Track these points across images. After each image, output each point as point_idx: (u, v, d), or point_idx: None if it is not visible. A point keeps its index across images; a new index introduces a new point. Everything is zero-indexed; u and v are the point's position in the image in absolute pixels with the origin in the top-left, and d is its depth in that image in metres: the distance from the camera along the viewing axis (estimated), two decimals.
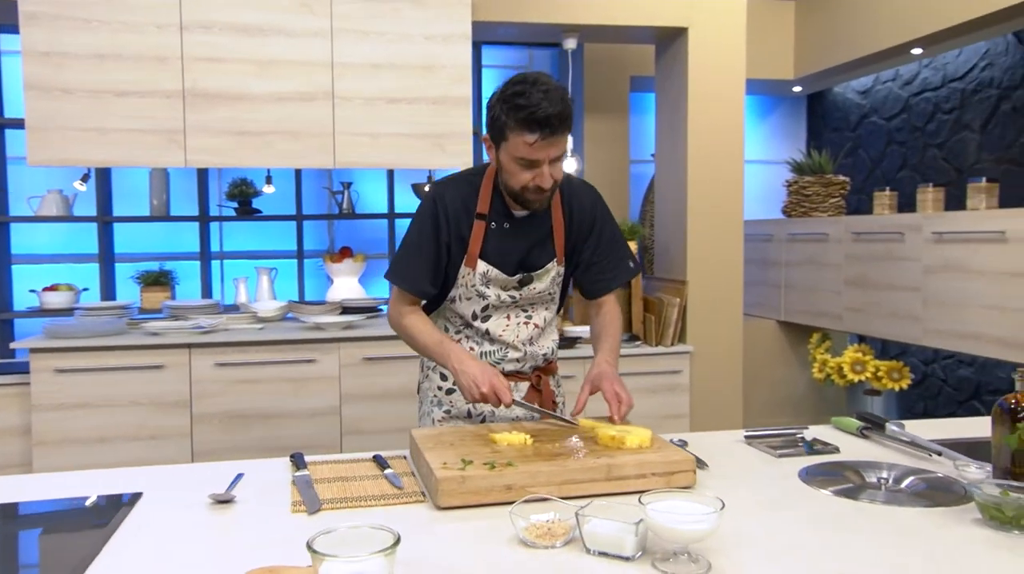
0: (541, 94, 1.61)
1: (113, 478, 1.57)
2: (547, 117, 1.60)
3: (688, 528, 1.04)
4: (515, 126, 1.63)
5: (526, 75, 1.67)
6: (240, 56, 3.19)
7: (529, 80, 1.64)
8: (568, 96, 1.67)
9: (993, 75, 4.21)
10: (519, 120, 1.62)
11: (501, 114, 1.66)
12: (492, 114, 1.69)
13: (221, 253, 4.18)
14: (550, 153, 1.65)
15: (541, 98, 1.60)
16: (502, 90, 1.68)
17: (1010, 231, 3.38)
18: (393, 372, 3.31)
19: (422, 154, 3.37)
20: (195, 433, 3.17)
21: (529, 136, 1.62)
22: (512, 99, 1.63)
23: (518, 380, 1.91)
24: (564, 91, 1.66)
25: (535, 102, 1.60)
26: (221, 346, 3.19)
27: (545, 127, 1.61)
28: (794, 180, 4.79)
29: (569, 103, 1.65)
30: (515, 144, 1.65)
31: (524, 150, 1.64)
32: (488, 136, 1.74)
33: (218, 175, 4.08)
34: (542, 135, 1.62)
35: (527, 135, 1.62)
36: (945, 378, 4.56)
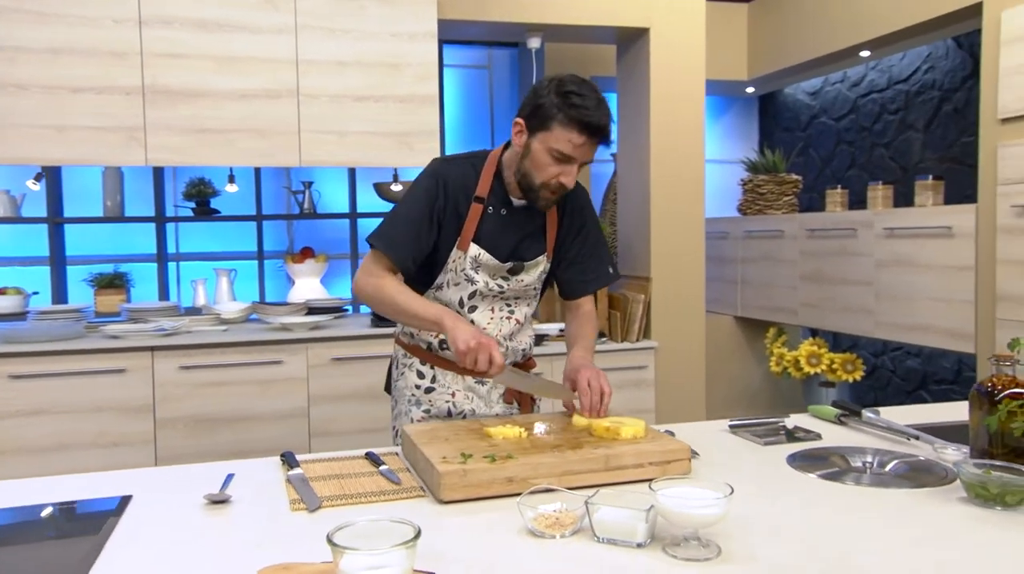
0: (596, 101, 1.66)
1: (97, 482, 1.53)
2: (600, 126, 1.66)
3: (700, 513, 1.07)
4: (566, 121, 1.65)
5: (579, 78, 1.71)
6: (201, 52, 3.13)
7: (587, 86, 1.69)
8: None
9: (935, 77, 4.38)
10: (572, 118, 1.65)
11: (552, 106, 1.66)
12: (540, 102, 1.69)
13: (177, 254, 4.09)
14: (587, 156, 1.70)
15: (596, 105, 1.65)
16: (556, 83, 1.69)
17: (956, 227, 3.52)
18: (362, 373, 3.29)
19: (389, 152, 3.35)
20: (159, 438, 3.10)
21: (577, 137, 1.66)
22: (569, 96, 1.65)
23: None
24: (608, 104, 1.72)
25: (591, 106, 1.65)
26: (185, 349, 3.12)
27: (595, 134, 1.66)
28: (749, 179, 4.91)
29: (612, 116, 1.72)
30: (558, 137, 1.67)
31: (567, 146, 1.67)
32: (524, 120, 1.73)
33: (173, 174, 3.98)
34: (590, 139, 1.66)
35: (575, 135, 1.65)
36: (894, 369, 4.72)
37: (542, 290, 1.98)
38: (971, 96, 4.15)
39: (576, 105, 1.64)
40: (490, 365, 1.61)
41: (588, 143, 1.67)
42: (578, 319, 1.95)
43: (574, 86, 1.67)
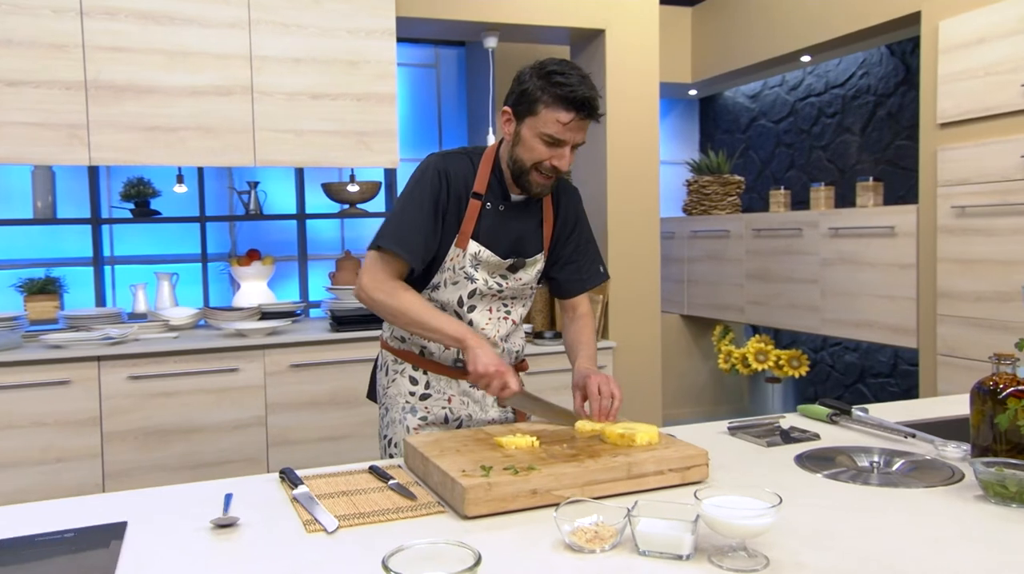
0: (579, 78, 1.64)
1: (79, 509, 1.42)
2: (585, 99, 1.63)
3: (751, 523, 1.06)
4: (551, 102, 1.63)
5: (560, 59, 1.69)
6: (149, 46, 2.97)
7: (567, 64, 1.67)
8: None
9: (870, 83, 4.55)
10: (557, 97, 1.63)
11: (536, 88, 1.65)
12: (523, 87, 1.67)
13: (113, 258, 3.88)
14: (577, 136, 1.67)
15: (579, 81, 1.63)
16: (538, 66, 1.67)
17: (899, 226, 3.67)
18: (322, 379, 3.19)
19: (347, 152, 3.26)
20: (106, 453, 2.93)
21: (564, 115, 1.63)
22: (551, 76, 1.63)
23: None
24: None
25: (574, 82, 1.63)
26: (133, 358, 2.96)
27: (582, 109, 1.63)
28: (694, 179, 5.01)
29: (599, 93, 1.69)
30: (546, 120, 1.65)
31: (555, 127, 1.64)
32: (511, 109, 1.71)
33: (108, 174, 3.77)
34: (577, 116, 1.63)
35: (562, 113, 1.63)
36: (833, 364, 4.89)
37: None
38: (904, 101, 4.34)
39: (560, 83, 1.62)
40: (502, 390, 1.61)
41: (576, 120, 1.64)
42: (576, 323, 1.93)
43: (555, 66, 1.66)
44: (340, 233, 4.31)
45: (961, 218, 3.32)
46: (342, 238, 4.31)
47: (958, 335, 3.35)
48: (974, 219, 3.26)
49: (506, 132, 1.75)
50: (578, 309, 1.95)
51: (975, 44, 3.25)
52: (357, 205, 3.97)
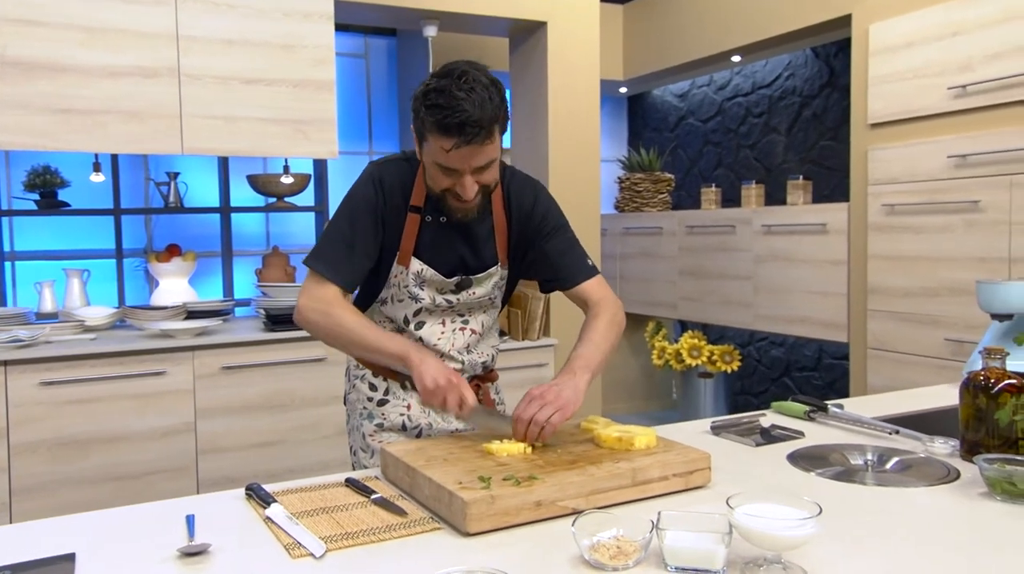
0: (464, 94, 1.40)
1: (18, 537, 1.24)
2: (462, 123, 1.40)
3: (792, 534, 1.00)
4: (432, 129, 1.44)
5: (454, 67, 1.45)
6: (64, 21, 2.71)
7: (455, 74, 1.43)
8: (497, 96, 1.45)
9: (795, 84, 4.67)
10: (434, 123, 1.43)
11: (420, 110, 1.46)
12: (414, 107, 1.49)
13: (14, 253, 3.56)
14: (471, 162, 1.47)
15: (462, 99, 1.40)
16: (427, 82, 1.47)
17: (830, 224, 3.76)
18: (255, 382, 3.00)
19: (283, 141, 3.07)
20: (14, 466, 2.66)
21: (446, 141, 1.44)
22: (432, 96, 1.43)
23: None
24: (493, 90, 1.45)
25: (452, 103, 1.40)
26: (45, 362, 2.70)
27: (460, 134, 1.42)
28: (626, 177, 5.02)
29: (497, 105, 1.44)
30: (433, 148, 1.48)
31: (441, 156, 1.47)
32: (413, 129, 1.54)
33: (7, 160, 3.45)
34: (457, 143, 1.43)
35: (444, 140, 1.44)
36: (760, 358, 5.00)
37: (506, 295, 1.83)
38: (828, 103, 4.46)
39: (437, 106, 1.41)
40: (460, 406, 1.47)
41: (461, 145, 1.43)
42: (587, 315, 1.70)
43: (442, 80, 1.43)
44: (266, 227, 4.10)
45: (891, 216, 3.42)
46: (267, 233, 4.10)
47: (887, 330, 3.46)
48: (903, 217, 3.37)
49: (418, 156, 1.59)
50: (588, 301, 1.71)
51: (904, 48, 3.35)
52: (285, 198, 3.78)
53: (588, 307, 1.72)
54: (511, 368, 3.59)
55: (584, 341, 1.62)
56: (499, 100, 1.47)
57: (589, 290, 1.72)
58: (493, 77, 1.49)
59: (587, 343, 1.61)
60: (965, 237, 3.12)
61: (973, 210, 3.09)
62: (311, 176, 3.82)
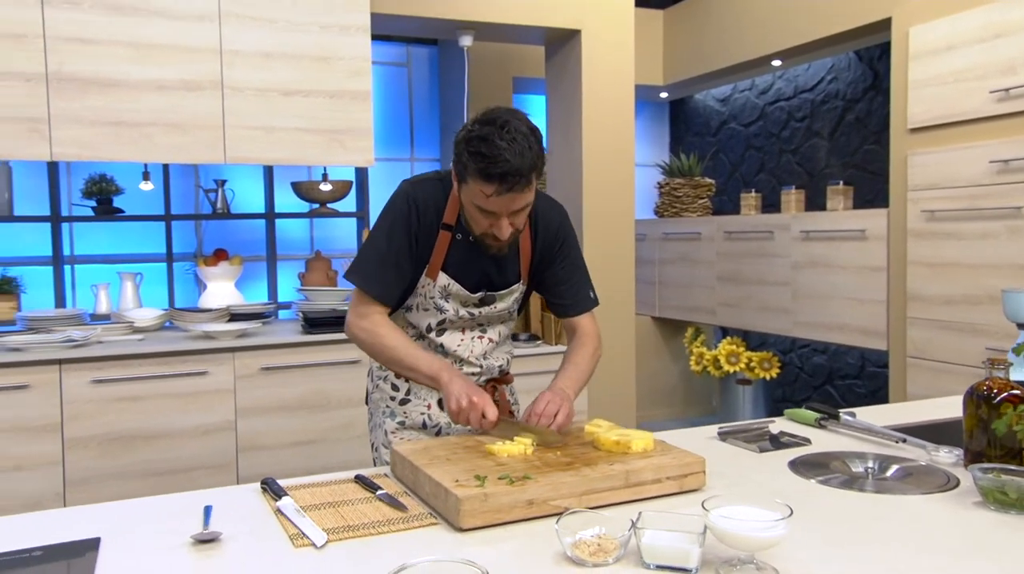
0: (506, 143, 1.48)
1: (51, 523, 1.34)
2: (504, 174, 1.49)
3: (763, 535, 1.03)
4: (475, 174, 1.52)
5: (497, 115, 1.54)
6: (115, 38, 2.87)
7: (498, 123, 1.51)
8: (537, 144, 1.54)
9: (839, 88, 4.60)
10: (479, 170, 1.51)
11: (464, 155, 1.54)
12: (456, 150, 1.57)
13: (74, 257, 3.75)
14: (509, 207, 1.56)
15: (504, 149, 1.48)
16: (469, 127, 1.55)
17: (869, 230, 3.71)
18: (294, 383, 3.11)
19: (320, 150, 3.18)
20: (68, 460, 2.82)
21: (487, 187, 1.52)
22: (475, 143, 1.51)
23: None
24: (532, 139, 1.54)
25: (496, 152, 1.48)
26: (96, 361, 2.85)
27: (502, 183, 1.50)
28: (666, 182, 5.01)
29: (536, 154, 1.53)
30: (473, 191, 1.56)
31: (481, 199, 1.55)
32: (453, 169, 1.62)
33: (68, 171, 3.64)
34: (499, 190, 1.51)
35: (485, 186, 1.52)
36: (801, 366, 4.94)
37: (521, 306, 1.90)
38: (872, 106, 4.39)
39: (481, 155, 1.49)
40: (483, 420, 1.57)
41: (502, 192, 1.51)
42: (573, 342, 1.84)
43: (485, 127, 1.51)
44: (310, 233, 4.23)
45: (931, 222, 3.36)
46: (312, 238, 4.23)
47: (927, 338, 3.39)
48: (944, 223, 3.30)
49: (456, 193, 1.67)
50: (577, 330, 1.85)
51: (944, 51, 3.29)
52: (328, 204, 3.90)
53: (576, 335, 1.85)
54: (543, 373, 3.63)
55: (572, 366, 1.78)
56: (538, 148, 1.55)
57: (582, 322, 1.86)
58: (532, 125, 1.58)
59: (575, 368, 1.78)
60: (1007, 244, 3.05)
61: (1016, 216, 3.02)
62: (352, 183, 3.94)
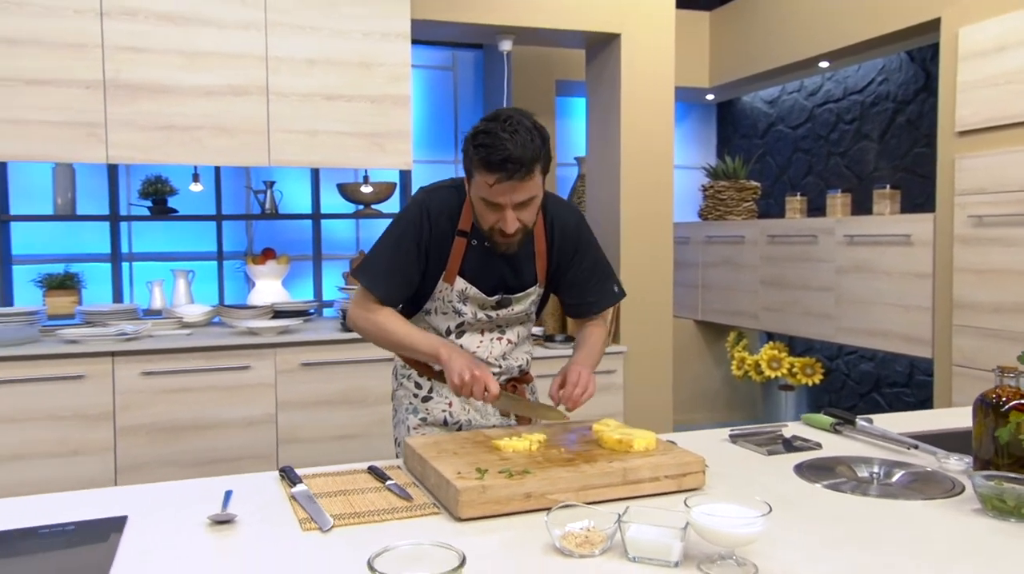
0: (508, 135, 1.55)
1: (83, 501, 1.44)
2: (504, 160, 1.54)
3: (741, 531, 1.06)
4: (478, 165, 1.59)
5: (500, 112, 1.62)
6: (166, 46, 3.02)
7: (501, 118, 1.59)
8: (539, 138, 1.59)
9: (889, 89, 4.51)
10: (480, 160, 1.57)
11: (469, 149, 1.61)
12: (464, 149, 1.65)
13: (131, 255, 3.93)
14: (512, 198, 1.60)
15: (506, 139, 1.54)
16: (476, 126, 1.62)
17: (915, 235, 3.63)
18: (332, 378, 3.22)
19: (361, 153, 3.28)
20: (120, 447, 2.97)
21: (489, 177, 1.58)
22: (479, 137, 1.58)
23: None
24: (535, 133, 1.59)
25: (497, 142, 1.55)
26: (147, 354, 3.00)
27: (502, 170, 1.55)
28: (710, 185, 4.98)
29: (537, 146, 1.58)
30: (478, 184, 1.62)
31: (485, 191, 1.61)
32: (463, 168, 1.69)
33: (127, 172, 3.83)
34: (500, 178, 1.56)
35: (487, 175, 1.58)
36: (848, 372, 4.85)
37: (540, 307, 1.95)
38: (923, 108, 4.29)
39: (482, 145, 1.56)
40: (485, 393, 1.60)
41: (503, 180, 1.56)
42: (586, 328, 1.90)
43: (484, 124, 1.59)
44: (355, 233, 4.34)
45: (978, 228, 3.28)
46: (357, 238, 4.34)
47: (974, 346, 3.31)
48: (992, 229, 3.22)
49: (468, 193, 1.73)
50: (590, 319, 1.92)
51: (995, 52, 3.21)
52: (372, 205, 4.00)
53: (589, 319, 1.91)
54: None
55: (588, 346, 1.85)
56: (540, 143, 1.60)
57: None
58: (537, 122, 1.64)
59: (591, 348, 1.85)
60: None
61: None
62: (396, 185, 4.03)
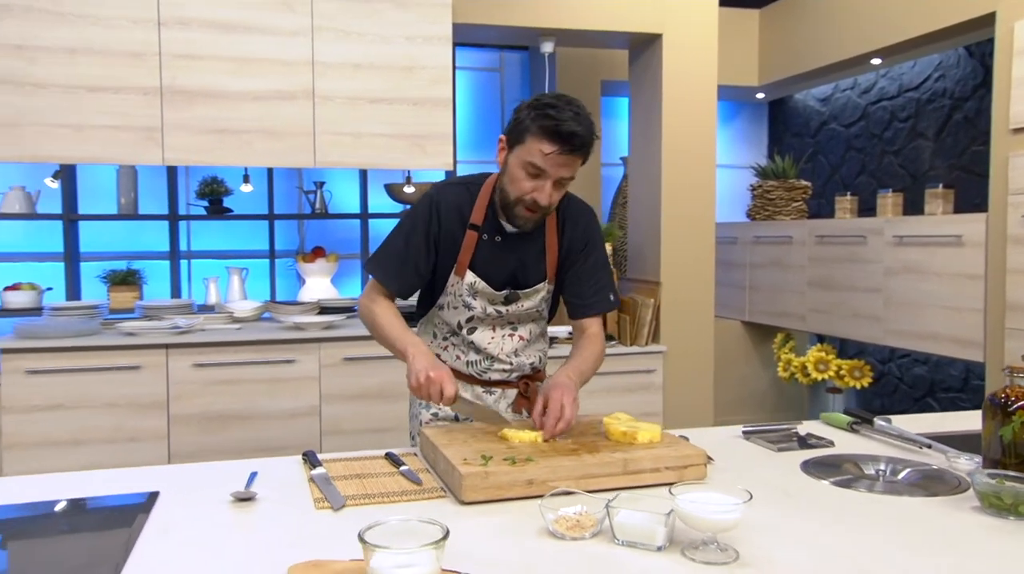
0: (572, 113, 1.65)
1: (123, 478, 1.56)
2: (572, 133, 1.63)
3: (719, 517, 1.09)
4: (537, 132, 1.65)
5: (562, 95, 1.71)
6: (218, 53, 3.16)
7: (564, 99, 1.68)
8: (594, 128, 1.69)
9: (946, 86, 4.39)
10: (543, 127, 1.64)
11: (527, 118, 1.68)
12: (517, 116, 1.71)
13: (190, 252, 4.12)
14: (560, 171, 1.67)
15: (571, 116, 1.64)
16: (535, 98, 1.71)
17: (966, 235, 3.54)
18: (373, 372, 3.32)
19: (403, 154, 3.38)
20: (172, 435, 3.13)
21: (548, 146, 1.64)
22: (543, 108, 1.65)
23: (505, 387, 1.92)
24: (592, 123, 1.69)
25: (566, 116, 1.63)
26: (198, 346, 3.15)
27: (566, 142, 1.63)
28: (758, 184, 4.93)
29: (593, 134, 1.68)
30: (530, 149, 1.67)
31: (538, 157, 1.66)
32: (505, 137, 1.75)
33: (186, 173, 4.02)
34: (560, 149, 1.64)
35: (546, 144, 1.64)
36: (901, 376, 4.74)
37: (553, 307, 1.98)
38: (982, 105, 4.17)
39: (548, 115, 1.64)
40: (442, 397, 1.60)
41: (559, 153, 1.64)
42: (579, 343, 1.90)
43: (551, 99, 1.67)
44: None
45: None
46: None
47: None
48: None
49: (499, 161, 1.78)
50: (586, 330, 1.91)
51: None
52: None
53: (583, 335, 1.90)
54: (619, 373, 3.69)
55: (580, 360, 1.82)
56: (594, 128, 1.69)
57: (592, 323, 1.91)
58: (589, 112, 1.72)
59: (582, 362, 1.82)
60: None
61: None
62: None
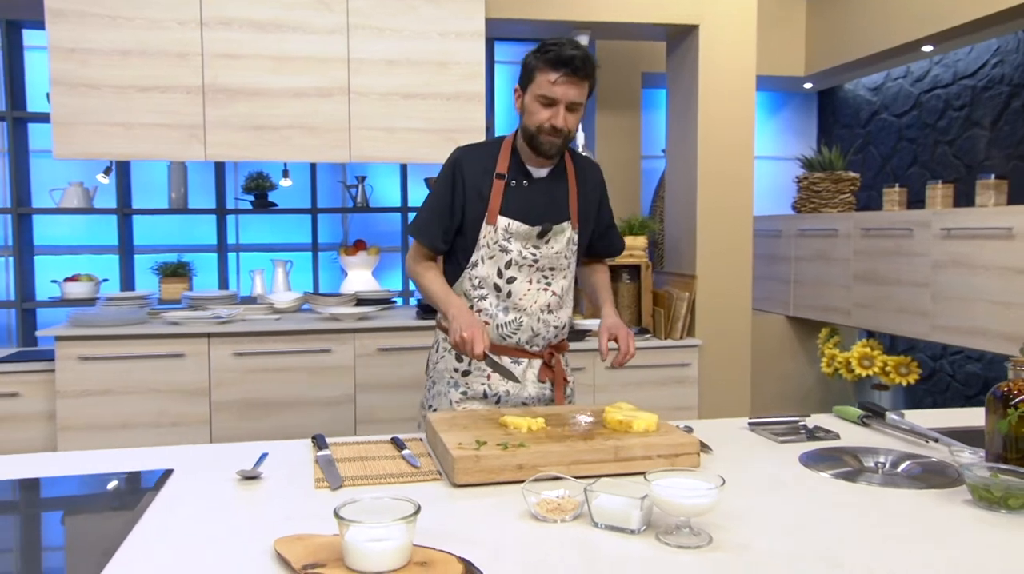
0: (569, 45, 1.87)
1: (144, 456, 1.65)
2: (571, 57, 1.83)
3: (690, 502, 1.10)
4: (542, 66, 1.86)
5: (559, 36, 1.93)
6: (258, 52, 3.27)
7: (563, 37, 1.91)
8: (593, 58, 1.89)
9: (1004, 72, 4.23)
10: (547, 59, 1.85)
11: (532, 59, 1.89)
12: (525, 61, 1.92)
13: (237, 245, 4.26)
14: (569, 94, 1.86)
15: (572, 46, 1.86)
16: (537, 45, 1.92)
17: (1017, 227, 3.41)
18: (406, 362, 3.39)
19: (436, 148, 3.44)
20: (214, 420, 3.25)
21: (552, 74, 1.84)
22: (544, 45, 1.88)
23: (531, 358, 2.03)
24: (591, 56, 1.90)
25: (566, 46, 1.85)
26: (239, 336, 3.27)
27: (567, 66, 1.83)
28: (804, 176, 4.83)
29: (592, 64, 1.88)
30: (539, 83, 1.87)
31: (546, 87, 1.85)
32: (519, 85, 1.95)
33: (235, 168, 4.16)
34: (564, 73, 1.84)
35: (551, 73, 1.84)
36: (953, 373, 4.59)
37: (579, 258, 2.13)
38: None
39: (548, 50, 1.86)
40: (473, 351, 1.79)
41: (564, 78, 1.84)
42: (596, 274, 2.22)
43: (550, 39, 1.89)
44: None
45: None
46: None
47: None
48: None
49: (518, 109, 1.96)
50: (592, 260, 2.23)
51: None
52: None
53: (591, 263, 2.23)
54: (653, 366, 3.68)
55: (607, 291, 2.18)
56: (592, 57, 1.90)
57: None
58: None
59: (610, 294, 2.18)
60: None
61: None
62: None
